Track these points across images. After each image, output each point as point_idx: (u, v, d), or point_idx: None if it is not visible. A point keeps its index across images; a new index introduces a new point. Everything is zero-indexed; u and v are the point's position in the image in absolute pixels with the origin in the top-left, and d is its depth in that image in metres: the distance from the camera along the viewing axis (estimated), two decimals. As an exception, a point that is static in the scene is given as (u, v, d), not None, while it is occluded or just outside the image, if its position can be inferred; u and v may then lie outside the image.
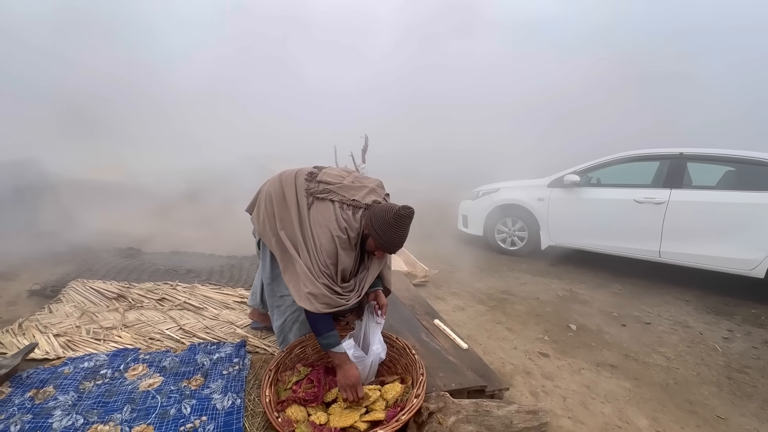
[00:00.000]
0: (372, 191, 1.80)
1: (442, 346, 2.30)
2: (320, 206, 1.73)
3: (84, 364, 1.86)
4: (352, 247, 1.72)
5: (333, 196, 1.74)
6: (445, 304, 3.41)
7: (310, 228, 1.71)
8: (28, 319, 2.33)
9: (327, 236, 1.65)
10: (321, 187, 1.77)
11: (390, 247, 1.67)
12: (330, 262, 1.66)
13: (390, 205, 1.65)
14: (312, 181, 1.80)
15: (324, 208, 1.72)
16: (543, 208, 4.74)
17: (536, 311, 3.34)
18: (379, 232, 1.62)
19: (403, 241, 1.67)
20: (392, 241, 1.63)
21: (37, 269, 2.93)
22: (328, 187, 1.77)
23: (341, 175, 1.87)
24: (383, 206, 1.66)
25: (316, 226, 1.69)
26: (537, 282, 4.13)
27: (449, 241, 5.88)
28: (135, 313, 2.58)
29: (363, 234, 1.72)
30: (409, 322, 2.60)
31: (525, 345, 2.74)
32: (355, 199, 1.73)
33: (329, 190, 1.75)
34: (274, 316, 2.08)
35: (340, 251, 1.67)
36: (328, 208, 1.71)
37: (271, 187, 1.90)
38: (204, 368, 1.91)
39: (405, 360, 1.93)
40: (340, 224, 1.67)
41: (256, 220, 1.96)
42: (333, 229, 1.65)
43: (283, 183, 1.87)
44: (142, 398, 1.67)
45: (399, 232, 1.62)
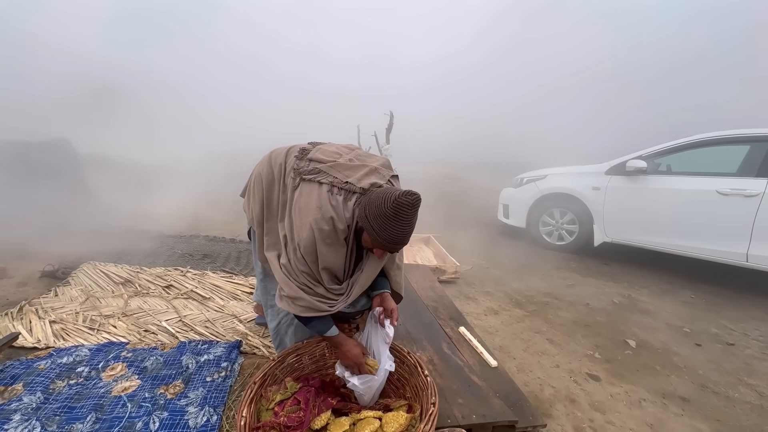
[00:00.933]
0: (372, 172, 1.43)
1: (466, 362, 1.93)
2: (305, 189, 1.39)
3: (63, 359, 1.72)
4: (341, 242, 1.37)
5: (322, 177, 1.38)
6: (476, 305, 3.00)
7: (290, 216, 1.39)
8: (31, 302, 2.27)
9: (306, 227, 1.32)
10: (311, 166, 1.43)
11: (388, 245, 1.28)
12: (310, 260, 1.34)
13: (389, 191, 1.25)
14: (303, 159, 1.47)
15: (309, 191, 1.37)
16: (598, 198, 4.10)
17: (585, 320, 2.84)
18: (375, 226, 1.24)
19: (405, 237, 1.28)
20: (391, 236, 1.24)
21: (55, 249, 2.92)
22: (318, 166, 1.42)
23: (338, 152, 1.51)
24: (381, 192, 1.27)
25: (297, 213, 1.37)
26: (587, 284, 3.57)
27: (487, 233, 5.37)
28: (139, 300, 2.46)
29: (357, 226, 1.36)
30: (430, 329, 2.24)
31: (570, 363, 2.29)
32: (348, 182, 1.36)
33: (319, 170, 1.40)
34: (269, 317, 1.82)
35: (321, 246, 1.32)
36: (313, 192, 1.36)
37: (261, 167, 1.60)
38: (187, 372, 1.69)
39: (415, 381, 1.59)
40: (324, 212, 1.31)
41: (246, 207, 1.68)
42: (314, 219, 1.31)
43: (272, 162, 1.56)
44: (111, 405, 1.47)
45: (399, 225, 1.23)
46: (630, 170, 3.85)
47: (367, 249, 1.45)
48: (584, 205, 4.23)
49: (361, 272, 1.47)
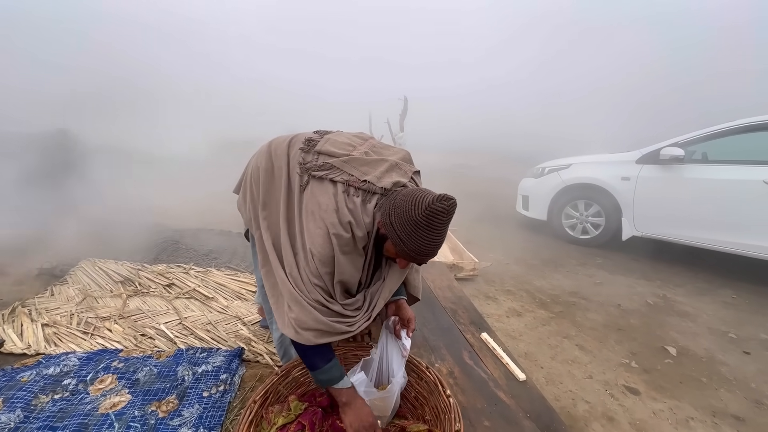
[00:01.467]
0: (393, 168, 1.20)
1: (491, 375, 1.73)
2: (317, 189, 1.16)
3: (50, 369, 1.58)
4: (359, 251, 1.16)
5: (335, 175, 1.16)
6: (497, 306, 2.79)
7: (299, 219, 1.18)
8: (25, 303, 2.15)
9: (321, 233, 1.10)
10: (321, 160, 1.21)
11: (416, 256, 1.06)
12: (325, 271, 1.12)
13: (419, 194, 1.02)
14: (310, 152, 1.25)
15: (321, 192, 1.15)
16: (628, 189, 3.81)
17: (617, 323, 2.60)
18: (402, 235, 1.03)
19: (437, 248, 1.06)
20: (420, 248, 1.03)
21: (55, 245, 2.81)
22: (329, 161, 1.19)
23: (351, 143, 1.28)
24: (409, 195, 1.04)
25: (309, 217, 1.15)
26: (617, 282, 3.31)
27: (505, 226, 5.12)
28: (138, 300, 2.32)
29: (378, 233, 1.15)
30: (449, 335, 2.04)
31: (604, 373, 2.07)
32: (366, 180, 1.14)
33: (331, 166, 1.18)
34: (273, 326, 1.64)
35: (338, 256, 1.11)
36: (327, 193, 1.14)
37: (259, 159, 1.38)
38: (182, 386, 1.53)
39: (435, 401, 1.39)
40: (341, 217, 1.10)
41: (242, 205, 1.48)
42: (330, 224, 1.09)
43: (273, 154, 1.34)
44: (97, 426, 1.32)
45: (431, 236, 1.02)
46: (665, 158, 3.54)
47: (387, 258, 1.24)
48: (612, 197, 3.94)
49: (383, 282, 1.26)
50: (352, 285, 1.21)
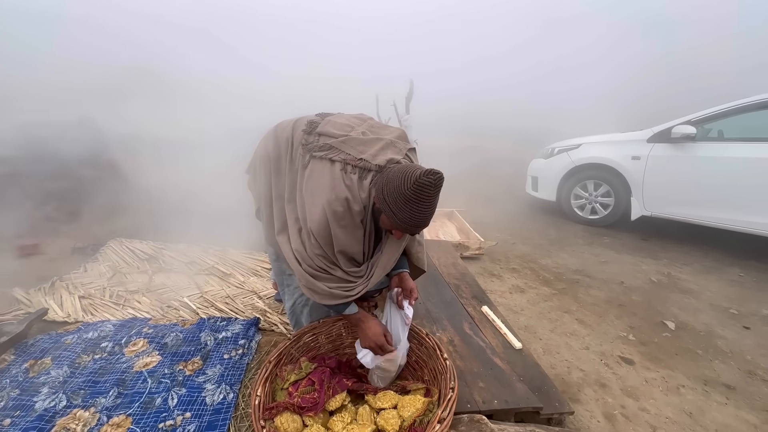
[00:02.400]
0: (388, 146, 1.30)
1: (489, 344, 1.84)
2: (316, 168, 1.28)
3: (89, 334, 1.76)
4: (357, 224, 1.27)
5: (334, 154, 1.27)
6: (501, 283, 2.88)
7: (301, 196, 1.30)
8: (62, 278, 2.35)
9: (318, 210, 1.22)
10: (321, 141, 1.32)
11: (408, 227, 1.18)
12: (323, 242, 1.26)
13: (409, 169, 1.12)
14: (311, 134, 1.36)
15: (320, 170, 1.27)
16: (638, 168, 3.78)
17: (619, 299, 2.67)
18: (393, 208, 1.14)
19: (426, 219, 1.18)
20: (411, 219, 1.14)
21: (84, 227, 3.02)
22: (329, 141, 1.30)
23: (350, 124, 1.39)
24: (400, 170, 1.14)
25: (308, 194, 1.27)
26: (622, 261, 3.35)
27: (514, 207, 5.15)
28: (163, 276, 2.51)
29: (374, 207, 1.26)
30: (451, 308, 2.16)
31: (601, 345, 2.16)
32: (362, 158, 1.25)
33: (330, 146, 1.29)
34: (285, 297, 1.78)
35: (335, 229, 1.23)
36: (325, 171, 1.26)
37: (266, 142, 1.50)
38: (206, 349, 1.70)
39: (434, 364, 1.52)
40: (338, 193, 1.21)
41: (252, 185, 1.61)
42: (327, 201, 1.21)
43: (278, 137, 1.45)
44: (133, 380, 1.50)
45: (420, 207, 1.12)
46: (676, 137, 3.50)
47: (386, 230, 1.35)
48: (621, 177, 3.93)
49: (381, 254, 1.38)
50: (356, 255, 1.34)
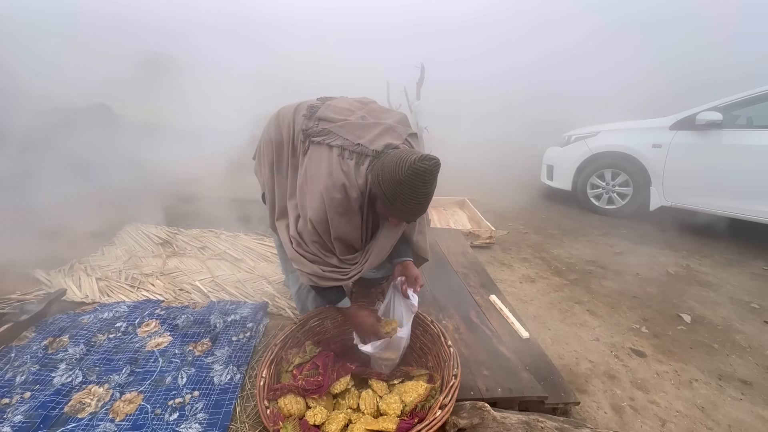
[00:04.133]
0: (387, 131, 1.27)
1: (495, 332, 1.83)
2: (315, 154, 1.27)
3: (104, 314, 1.83)
4: (354, 211, 1.25)
5: (332, 140, 1.26)
6: (511, 272, 2.84)
7: (301, 184, 1.30)
8: (81, 260, 2.43)
9: (316, 196, 1.21)
10: (320, 126, 1.31)
11: (403, 215, 1.17)
12: (321, 230, 1.25)
13: (404, 155, 1.10)
14: (311, 119, 1.34)
15: (318, 156, 1.26)
16: (659, 157, 3.65)
17: (633, 291, 2.60)
18: (389, 194, 1.11)
19: (423, 206, 1.15)
20: (406, 206, 1.12)
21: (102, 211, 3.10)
22: (327, 126, 1.29)
23: (350, 108, 1.37)
24: (396, 156, 1.11)
25: (307, 181, 1.26)
26: (639, 252, 3.26)
27: (528, 196, 5.05)
28: (176, 260, 2.57)
29: (371, 193, 1.24)
30: (458, 296, 2.14)
31: (612, 336, 2.11)
32: (360, 144, 1.22)
33: (328, 131, 1.28)
34: (290, 282, 1.81)
35: (333, 216, 1.22)
36: (323, 157, 1.24)
37: (269, 128, 1.50)
38: (215, 331, 1.74)
39: (438, 351, 1.52)
40: (335, 180, 1.19)
41: (258, 171, 1.61)
42: (324, 188, 1.19)
43: (280, 123, 1.45)
44: (145, 359, 1.55)
45: (415, 194, 1.09)
46: (701, 124, 3.35)
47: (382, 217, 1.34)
48: (641, 165, 3.80)
49: (376, 240, 1.37)
50: (354, 242, 1.33)
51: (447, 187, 4.82)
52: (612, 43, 8.60)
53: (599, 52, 8.71)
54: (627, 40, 8.41)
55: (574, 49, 9.05)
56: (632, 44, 8.27)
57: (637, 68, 8.13)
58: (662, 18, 8.62)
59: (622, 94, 6.98)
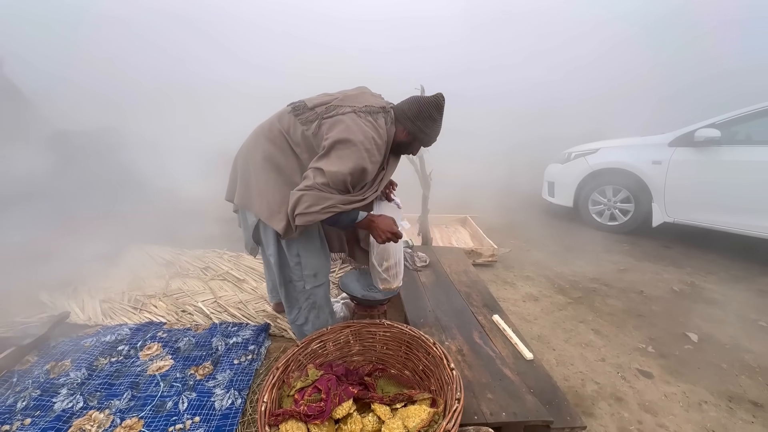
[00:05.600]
0: (372, 95, 1.58)
1: (498, 353, 1.81)
2: (335, 125, 1.39)
3: (107, 337, 1.83)
4: (381, 156, 1.47)
5: (341, 111, 1.42)
6: (514, 291, 2.83)
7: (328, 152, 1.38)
8: (85, 282, 2.45)
9: (353, 152, 1.34)
10: (320, 110, 1.45)
11: (428, 137, 1.56)
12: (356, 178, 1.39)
13: (421, 97, 1.51)
14: (304, 112, 1.46)
15: (339, 125, 1.38)
16: (659, 173, 3.67)
17: (638, 310, 2.58)
18: (425, 129, 1.51)
19: (440, 129, 1.58)
20: (436, 133, 1.57)
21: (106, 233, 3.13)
22: (328, 105, 1.45)
23: (326, 94, 1.56)
24: (416, 100, 1.50)
25: (337, 146, 1.35)
26: (643, 269, 3.24)
27: (529, 213, 5.06)
28: (179, 281, 2.57)
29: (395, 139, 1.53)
30: (461, 316, 2.13)
31: (618, 357, 2.09)
32: (367, 105, 1.45)
33: (333, 107, 1.44)
34: (285, 307, 1.79)
35: (368, 165, 1.38)
36: (345, 123, 1.38)
37: (254, 150, 1.55)
38: (216, 354, 1.73)
39: (440, 374, 1.50)
40: (365, 133, 1.37)
41: (257, 204, 1.58)
42: (359, 142, 1.35)
43: (269, 136, 1.51)
44: (146, 384, 1.55)
45: (440, 122, 1.55)
46: (699, 140, 3.38)
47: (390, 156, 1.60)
48: (642, 182, 3.81)
49: (384, 170, 1.58)
50: (372, 176, 1.50)
51: (448, 204, 4.85)
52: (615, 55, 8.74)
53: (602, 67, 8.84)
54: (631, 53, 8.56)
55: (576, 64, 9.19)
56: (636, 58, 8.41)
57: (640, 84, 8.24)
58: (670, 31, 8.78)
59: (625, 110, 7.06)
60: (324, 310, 1.79)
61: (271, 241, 1.64)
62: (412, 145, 1.59)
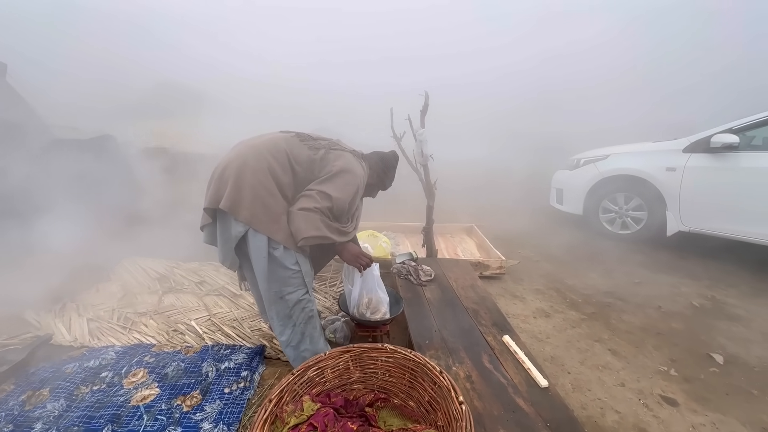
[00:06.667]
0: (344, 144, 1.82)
1: (510, 380, 1.67)
2: (339, 157, 1.63)
3: (90, 362, 1.71)
4: (363, 193, 1.78)
5: (344, 148, 1.72)
6: (524, 306, 2.69)
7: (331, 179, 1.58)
8: (74, 298, 2.34)
9: (352, 187, 1.61)
10: (325, 142, 1.69)
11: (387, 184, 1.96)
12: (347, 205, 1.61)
13: (385, 153, 1.95)
14: (309, 140, 1.67)
15: (343, 158, 1.64)
16: (674, 180, 3.52)
17: (657, 327, 2.43)
18: (389, 176, 1.92)
19: None
20: (392, 180, 1.96)
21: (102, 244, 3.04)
22: (332, 141, 1.73)
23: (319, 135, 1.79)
24: (381, 154, 1.92)
25: (340, 174, 1.58)
26: (659, 282, 3.09)
27: (537, 221, 4.91)
28: (172, 297, 2.46)
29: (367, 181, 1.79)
30: (469, 337, 1.99)
31: (638, 381, 1.94)
32: (354, 149, 1.77)
33: (335, 143, 1.72)
34: (276, 328, 1.66)
35: (356, 200, 1.69)
36: (347, 157, 1.65)
37: (259, 163, 1.54)
38: (206, 381, 1.61)
39: (448, 407, 1.37)
40: (360, 174, 1.67)
41: (249, 211, 1.50)
42: (361, 178, 1.67)
43: (273, 154, 1.56)
44: (128, 417, 1.42)
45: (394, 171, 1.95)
46: (716, 146, 3.23)
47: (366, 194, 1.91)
48: (655, 189, 3.67)
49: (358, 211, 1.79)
50: (353, 212, 1.73)
51: (453, 214, 4.72)
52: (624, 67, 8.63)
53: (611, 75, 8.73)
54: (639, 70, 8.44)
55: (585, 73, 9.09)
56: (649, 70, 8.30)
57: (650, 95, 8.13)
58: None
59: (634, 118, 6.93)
60: (318, 320, 1.76)
61: (262, 253, 1.53)
62: (375, 188, 1.93)
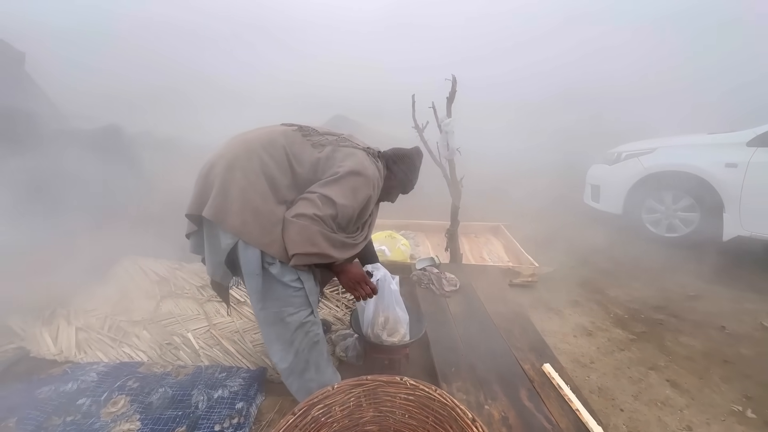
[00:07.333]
0: None
1: (556, 425, 1.37)
2: (348, 156, 1.36)
3: (68, 385, 1.51)
4: (377, 195, 1.47)
5: (354, 144, 1.45)
6: (562, 321, 2.36)
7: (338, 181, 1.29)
8: (64, 304, 2.16)
9: (365, 188, 1.33)
10: (332, 138, 1.42)
11: (411, 189, 1.65)
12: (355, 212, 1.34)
13: (407, 149, 1.63)
14: (313, 135, 1.41)
15: (353, 156, 1.37)
16: (734, 178, 3.08)
17: (723, 352, 2.06)
18: (411, 176, 1.60)
19: None
20: (416, 181, 1.65)
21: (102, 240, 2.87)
22: (341, 136, 1.46)
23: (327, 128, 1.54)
24: (402, 151, 1.61)
25: (348, 175, 1.30)
26: (718, 296, 2.69)
27: (570, 220, 4.52)
28: (171, 303, 2.26)
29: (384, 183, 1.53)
30: (502, 364, 1.70)
31: (709, 423, 1.60)
32: (368, 147, 1.52)
33: (345, 138, 1.46)
34: (275, 354, 1.40)
35: (370, 203, 1.40)
36: (358, 156, 1.38)
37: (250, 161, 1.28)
38: (194, 415, 1.38)
39: (484, 470, 1.09)
40: (375, 172, 1.41)
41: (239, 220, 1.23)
42: (373, 177, 1.37)
43: (269, 150, 1.31)
44: (101, 459, 1.20)
45: (418, 169, 1.64)
46: (790, 140, 2.78)
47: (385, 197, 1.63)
48: (711, 187, 3.23)
49: (371, 216, 1.55)
50: (364, 218, 1.47)
51: (479, 212, 4.38)
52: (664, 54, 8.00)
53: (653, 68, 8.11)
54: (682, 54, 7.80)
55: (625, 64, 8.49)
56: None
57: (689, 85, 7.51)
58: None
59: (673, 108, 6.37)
60: (325, 344, 1.50)
61: (255, 269, 1.28)
62: (394, 191, 1.62)
